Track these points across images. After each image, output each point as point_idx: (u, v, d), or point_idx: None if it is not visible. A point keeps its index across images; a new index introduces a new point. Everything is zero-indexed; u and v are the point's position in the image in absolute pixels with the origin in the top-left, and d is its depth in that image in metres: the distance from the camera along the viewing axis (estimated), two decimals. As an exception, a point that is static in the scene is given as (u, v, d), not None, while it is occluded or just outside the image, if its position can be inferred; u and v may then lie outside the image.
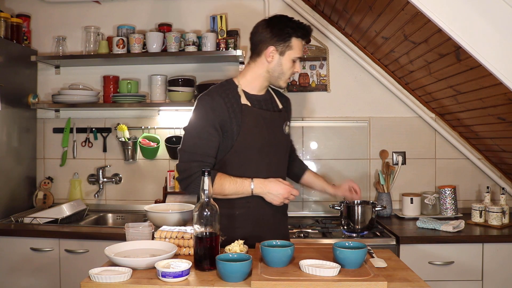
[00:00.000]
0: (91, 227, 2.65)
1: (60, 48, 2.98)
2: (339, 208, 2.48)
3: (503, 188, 2.72)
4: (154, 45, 2.83)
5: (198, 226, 1.46)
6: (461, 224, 2.43)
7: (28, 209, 2.90)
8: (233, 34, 2.88)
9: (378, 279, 1.32)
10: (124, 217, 2.94)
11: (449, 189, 2.77)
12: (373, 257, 1.60)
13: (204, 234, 1.45)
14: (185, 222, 2.35)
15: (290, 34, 1.79)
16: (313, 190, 2.20)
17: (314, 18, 2.97)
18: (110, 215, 2.98)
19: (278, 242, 1.53)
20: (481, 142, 2.82)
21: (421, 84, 2.74)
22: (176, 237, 1.61)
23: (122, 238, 1.73)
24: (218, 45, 2.82)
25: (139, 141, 2.98)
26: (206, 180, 1.48)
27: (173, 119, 3.05)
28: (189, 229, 1.63)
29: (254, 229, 1.83)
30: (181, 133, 3.00)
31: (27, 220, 2.61)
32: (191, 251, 1.56)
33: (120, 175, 3.09)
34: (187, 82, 2.89)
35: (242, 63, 2.96)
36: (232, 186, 1.75)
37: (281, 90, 2.05)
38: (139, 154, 3.06)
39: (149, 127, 3.04)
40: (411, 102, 2.96)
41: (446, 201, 2.77)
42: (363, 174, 2.98)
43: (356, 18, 2.60)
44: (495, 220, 2.51)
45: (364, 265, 1.45)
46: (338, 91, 3.00)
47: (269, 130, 1.85)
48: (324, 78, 2.98)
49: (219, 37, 2.82)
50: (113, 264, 1.44)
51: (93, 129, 3.08)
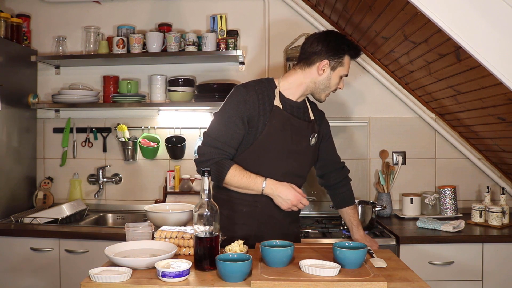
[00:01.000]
0: (91, 227, 2.65)
1: (60, 48, 2.98)
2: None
3: (503, 188, 2.72)
4: (154, 45, 2.83)
5: (198, 226, 1.46)
6: (461, 224, 2.43)
7: (28, 209, 2.90)
8: (233, 34, 2.88)
9: (378, 279, 1.32)
10: (124, 217, 2.94)
11: (449, 189, 2.77)
12: (373, 257, 1.61)
13: (204, 234, 1.45)
14: (185, 222, 2.35)
15: (345, 52, 1.84)
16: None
17: (314, 18, 2.97)
18: (110, 215, 2.98)
19: (278, 242, 1.53)
20: (481, 142, 2.82)
21: (421, 84, 2.74)
22: (176, 237, 1.61)
23: (122, 238, 1.73)
24: (218, 45, 2.82)
25: (139, 141, 2.98)
26: (206, 180, 1.48)
27: (173, 119, 3.05)
28: (189, 229, 1.63)
29: (259, 229, 1.84)
30: (180, 133, 3.02)
31: (27, 220, 2.61)
32: (191, 251, 1.56)
33: (120, 175, 3.09)
34: (187, 82, 2.89)
35: (242, 63, 2.97)
36: (245, 180, 1.75)
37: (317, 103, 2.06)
38: (139, 154, 3.06)
39: (149, 127, 3.04)
40: (411, 102, 2.96)
41: (446, 201, 2.77)
42: (363, 174, 2.98)
43: (356, 18, 2.60)
44: (495, 220, 2.51)
45: (364, 265, 1.45)
46: (338, 91, 2.97)
47: (294, 137, 1.84)
48: (324, 78, 2.98)
49: (219, 37, 2.82)
50: (113, 264, 1.44)
51: (93, 129, 3.08)
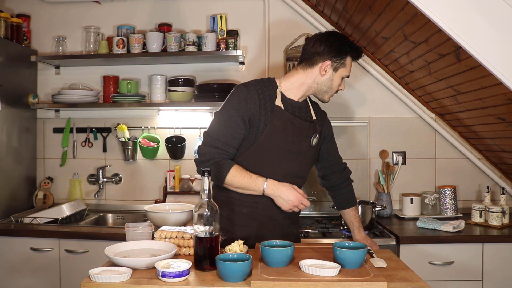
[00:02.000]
0: (91, 227, 2.65)
1: (60, 48, 2.98)
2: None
3: (503, 188, 2.72)
4: (154, 45, 2.83)
5: (198, 226, 1.46)
6: (461, 224, 2.43)
7: (28, 209, 2.90)
8: (233, 34, 2.88)
9: (378, 279, 1.32)
10: (124, 217, 2.94)
11: (449, 189, 2.77)
12: (373, 257, 1.60)
13: (204, 234, 1.45)
14: (185, 222, 2.35)
15: (347, 53, 1.84)
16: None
17: (314, 18, 2.97)
18: (110, 215, 2.98)
19: (278, 242, 1.53)
20: (481, 142, 2.82)
21: (421, 84, 2.74)
22: (176, 237, 1.61)
23: (122, 238, 1.73)
24: (218, 45, 2.82)
25: (139, 141, 2.98)
26: (206, 180, 1.48)
27: (173, 119, 3.05)
28: (189, 229, 1.63)
29: (258, 230, 1.84)
30: (180, 133, 3.02)
31: (27, 220, 2.61)
32: (191, 251, 1.56)
33: (120, 175, 3.09)
34: (187, 82, 2.89)
35: (242, 63, 2.96)
36: (245, 180, 1.74)
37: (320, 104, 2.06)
38: (139, 154, 3.06)
39: (149, 127, 3.04)
40: (411, 102, 2.96)
41: (446, 201, 2.77)
42: (363, 174, 2.98)
43: (356, 18, 2.60)
44: (495, 220, 2.51)
45: (364, 265, 1.45)
46: (338, 91, 2.98)
47: (295, 137, 1.84)
48: (324, 78, 2.98)
49: (219, 37, 2.83)
50: (113, 264, 1.44)
51: (93, 129, 3.08)
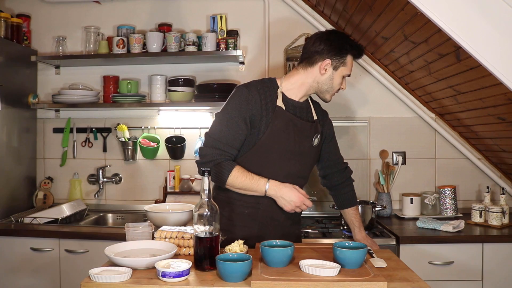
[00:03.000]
0: (91, 227, 2.65)
1: (60, 48, 2.98)
2: (339, 208, 2.48)
3: (503, 188, 2.72)
4: (154, 45, 2.83)
5: (198, 226, 1.46)
6: (461, 224, 2.43)
7: (28, 209, 2.90)
8: (233, 34, 2.88)
9: (378, 279, 1.32)
10: (124, 217, 2.94)
11: (449, 189, 2.77)
12: (373, 257, 1.60)
13: (204, 234, 1.45)
14: (185, 222, 2.35)
15: (347, 51, 1.83)
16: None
17: (314, 18, 2.97)
18: (110, 215, 2.98)
19: (278, 242, 1.53)
20: (481, 142, 2.82)
21: (421, 84, 2.74)
22: (176, 237, 1.61)
23: (122, 238, 1.73)
24: (218, 45, 2.82)
25: (139, 141, 2.98)
26: (206, 180, 1.48)
27: (173, 119, 3.05)
28: (189, 229, 1.63)
29: (260, 230, 1.83)
30: (180, 133, 3.02)
31: (27, 220, 2.61)
32: (191, 251, 1.56)
33: (120, 175, 3.09)
34: (187, 82, 2.89)
35: (242, 63, 2.96)
36: (247, 181, 1.74)
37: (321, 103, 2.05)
38: (139, 154, 3.06)
39: (149, 127, 3.04)
40: (411, 102, 2.96)
41: (446, 201, 2.77)
42: (363, 174, 2.98)
43: (356, 18, 2.60)
44: (495, 220, 2.51)
45: (364, 265, 1.45)
46: (338, 91, 2.99)
47: (297, 138, 1.83)
48: (324, 78, 2.98)
49: (219, 37, 2.82)
50: (113, 264, 1.44)
51: (93, 129, 3.08)
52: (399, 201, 2.96)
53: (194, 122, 3.03)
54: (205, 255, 1.44)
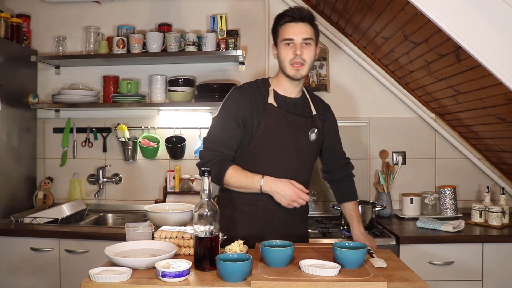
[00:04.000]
0: (91, 227, 2.65)
1: (60, 48, 2.98)
2: (339, 208, 2.47)
3: (503, 188, 2.72)
4: (154, 45, 2.83)
5: (198, 226, 1.46)
6: (461, 224, 2.43)
7: (28, 209, 2.90)
8: (233, 34, 2.88)
9: (378, 279, 1.32)
10: (124, 217, 2.94)
11: (449, 189, 2.77)
12: (373, 257, 1.60)
13: (204, 234, 1.45)
14: (185, 222, 2.35)
15: (276, 25, 1.88)
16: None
17: (314, 18, 2.96)
18: (110, 215, 2.98)
19: (278, 242, 1.53)
20: (481, 142, 2.82)
21: (421, 84, 2.74)
22: (176, 237, 1.61)
23: (122, 238, 1.73)
24: (218, 45, 2.82)
25: (139, 141, 2.98)
26: (206, 180, 1.49)
27: (173, 119, 3.05)
28: (189, 229, 1.63)
29: (261, 229, 1.84)
30: (180, 133, 3.02)
31: (27, 220, 2.61)
32: (191, 251, 1.56)
33: (120, 175, 3.09)
34: (187, 82, 2.89)
35: (242, 63, 2.96)
36: (243, 179, 1.77)
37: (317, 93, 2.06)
38: (139, 154, 3.06)
39: (149, 127, 3.04)
40: (411, 102, 2.96)
41: (446, 201, 2.77)
42: (363, 174, 2.98)
43: (356, 18, 2.60)
44: (495, 220, 2.51)
45: (364, 265, 1.45)
46: (338, 91, 3.00)
47: (292, 133, 1.83)
48: (324, 78, 2.98)
49: (219, 37, 2.82)
50: (113, 264, 1.44)
51: (93, 129, 3.08)
52: (399, 201, 2.96)
53: (194, 122, 3.03)
54: (205, 255, 1.44)
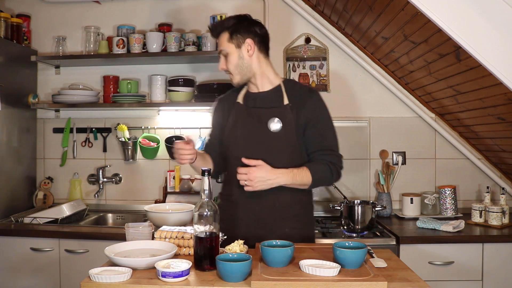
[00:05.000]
0: (91, 227, 2.65)
1: (60, 48, 2.98)
2: (339, 208, 2.48)
3: (503, 188, 2.72)
4: (154, 45, 2.83)
5: (198, 226, 1.46)
6: (461, 224, 2.43)
7: (28, 209, 2.90)
8: (233, 34, 2.87)
9: (378, 279, 1.32)
10: (124, 217, 2.94)
11: (449, 189, 2.77)
12: (373, 257, 1.60)
13: (204, 234, 1.45)
14: (185, 222, 2.35)
15: None
16: None
17: (314, 18, 2.97)
18: (110, 215, 2.97)
19: (278, 242, 1.53)
20: (481, 142, 2.82)
21: (421, 84, 2.74)
22: (176, 237, 1.61)
23: (122, 238, 1.73)
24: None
25: (139, 141, 2.98)
26: (206, 180, 1.49)
27: (173, 119, 3.05)
28: (189, 229, 1.63)
29: (236, 223, 1.86)
30: (180, 133, 3.02)
31: (27, 220, 2.61)
32: (191, 251, 1.56)
33: (120, 175, 3.09)
34: (187, 82, 2.89)
35: (242, 63, 2.96)
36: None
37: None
38: (139, 154, 3.06)
39: (149, 127, 3.04)
40: (411, 102, 2.96)
41: (446, 201, 2.77)
42: (363, 174, 2.98)
43: (356, 18, 2.60)
44: (495, 220, 2.51)
45: (364, 265, 1.45)
46: (338, 91, 3.00)
47: (253, 126, 1.85)
48: (324, 78, 2.98)
49: (219, 37, 2.82)
50: (113, 264, 1.44)
51: (93, 129, 3.08)
52: (399, 201, 2.96)
53: (194, 122, 3.03)
54: (205, 255, 1.44)
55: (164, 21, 3.00)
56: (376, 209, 2.53)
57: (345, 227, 2.45)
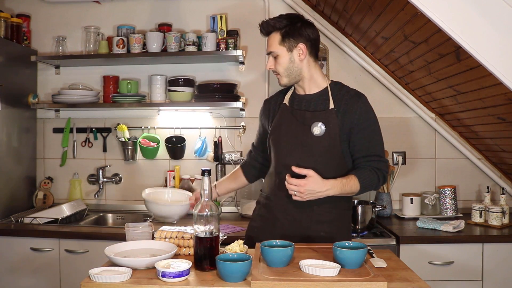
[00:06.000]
0: (91, 227, 2.65)
1: (60, 48, 2.98)
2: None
3: (503, 188, 2.72)
4: (154, 45, 2.83)
5: (198, 226, 1.46)
6: (461, 224, 2.43)
7: (28, 209, 2.90)
8: (233, 34, 2.88)
9: (378, 279, 1.32)
10: (124, 217, 2.94)
11: (449, 189, 2.77)
12: (373, 257, 1.60)
13: (204, 234, 1.45)
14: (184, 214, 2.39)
15: None
16: None
17: (314, 18, 2.96)
18: (110, 215, 2.97)
19: (278, 242, 1.53)
20: (481, 142, 2.82)
21: (421, 84, 2.74)
22: (176, 237, 1.61)
23: (122, 238, 1.73)
24: (218, 45, 2.82)
25: (139, 141, 2.98)
26: (206, 180, 1.49)
27: (173, 119, 3.05)
28: (189, 229, 1.63)
29: (273, 224, 1.88)
30: (180, 133, 3.02)
31: (27, 220, 2.61)
32: (191, 251, 1.56)
33: (120, 175, 3.09)
34: (187, 82, 2.89)
35: (242, 63, 2.96)
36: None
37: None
38: (139, 154, 3.06)
39: (149, 127, 3.04)
40: (411, 102, 2.96)
41: (446, 201, 2.77)
42: (363, 174, 2.98)
43: (356, 18, 2.60)
44: (495, 220, 2.51)
45: (364, 265, 1.45)
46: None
47: (299, 128, 1.83)
48: (324, 78, 2.98)
49: (219, 37, 2.82)
50: (113, 264, 1.44)
51: (93, 129, 3.08)
52: (399, 201, 2.96)
53: (194, 122, 3.03)
54: (205, 255, 1.44)
55: (164, 21, 3.00)
56: (376, 209, 2.53)
57: (345, 227, 2.45)
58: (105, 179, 3.04)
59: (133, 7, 3.08)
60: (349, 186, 1.74)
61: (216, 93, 2.80)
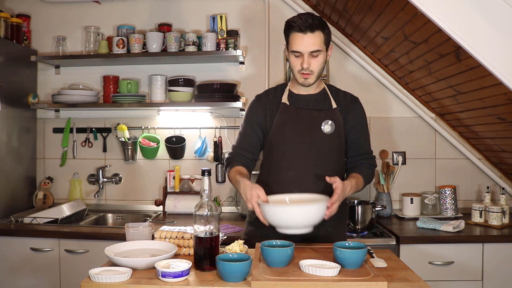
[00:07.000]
0: (91, 227, 2.65)
1: (60, 48, 2.98)
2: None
3: (503, 188, 2.72)
4: (154, 45, 2.83)
5: (198, 226, 1.46)
6: (461, 224, 2.43)
7: (28, 209, 2.90)
8: (233, 34, 2.88)
9: (378, 279, 1.32)
10: (124, 217, 2.94)
11: (449, 189, 2.77)
12: (373, 257, 1.60)
13: (204, 234, 1.45)
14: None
15: (286, 31, 1.86)
16: None
17: (314, 18, 2.96)
18: (110, 215, 2.97)
19: (278, 242, 1.53)
20: (481, 142, 2.82)
21: (421, 84, 2.74)
22: (176, 237, 1.61)
23: (122, 238, 1.73)
24: (218, 45, 2.82)
25: (139, 141, 2.98)
26: (206, 180, 1.49)
27: (173, 119, 3.05)
28: (189, 229, 1.63)
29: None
30: (180, 133, 3.02)
31: (27, 220, 2.61)
32: (191, 251, 1.56)
33: (120, 175, 3.09)
34: (187, 82, 2.89)
35: (242, 63, 2.96)
36: (233, 181, 1.84)
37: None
38: (139, 154, 3.06)
39: (149, 127, 3.04)
40: (411, 102, 2.96)
41: (446, 201, 2.77)
42: (363, 174, 2.98)
43: (356, 18, 2.60)
44: (495, 220, 2.51)
45: (364, 265, 1.45)
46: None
47: (306, 127, 1.84)
48: (324, 78, 2.98)
49: (219, 37, 2.82)
50: (113, 264, 1.44)
51: (93, 129, 3.08)
52: (399, 201, 2.96)
53: (194, 122, 3.03)
54: (205, 255, 1.44)
55: (164, 21, 3.00)
56: (376, 209, 2.53)
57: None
58: (105, 179, 3.04)
59: (133, 7, 3.08)
60: (358, 185, 1.85)
61: (216, 93, 2.80)
